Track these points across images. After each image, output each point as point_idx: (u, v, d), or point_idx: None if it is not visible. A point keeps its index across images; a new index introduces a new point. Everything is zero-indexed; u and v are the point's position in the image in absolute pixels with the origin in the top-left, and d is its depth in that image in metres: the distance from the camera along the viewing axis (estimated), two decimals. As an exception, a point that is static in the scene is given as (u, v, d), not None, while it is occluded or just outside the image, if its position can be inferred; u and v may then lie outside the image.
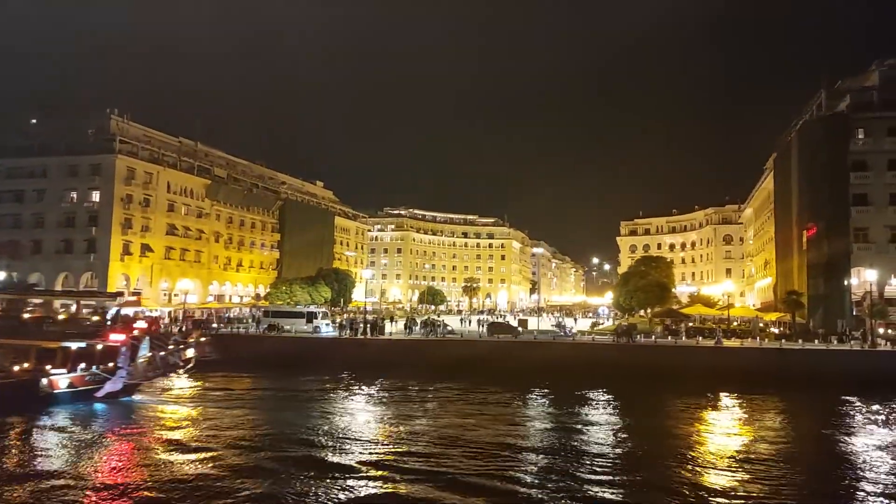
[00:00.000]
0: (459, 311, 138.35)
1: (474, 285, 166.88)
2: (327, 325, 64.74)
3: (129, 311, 74.13)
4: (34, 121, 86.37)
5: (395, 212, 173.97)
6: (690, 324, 76.26)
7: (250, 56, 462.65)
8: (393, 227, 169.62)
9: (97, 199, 77.57)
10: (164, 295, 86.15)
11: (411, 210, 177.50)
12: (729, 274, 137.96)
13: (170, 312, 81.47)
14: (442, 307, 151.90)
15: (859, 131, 64.13)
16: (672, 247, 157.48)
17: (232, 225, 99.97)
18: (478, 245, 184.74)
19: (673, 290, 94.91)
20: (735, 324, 75.26)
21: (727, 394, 41.16)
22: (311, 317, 64.26)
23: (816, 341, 54.10)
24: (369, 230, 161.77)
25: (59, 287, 79.04)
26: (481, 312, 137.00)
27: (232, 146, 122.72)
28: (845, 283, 61.21)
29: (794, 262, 68.29)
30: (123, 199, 78.36)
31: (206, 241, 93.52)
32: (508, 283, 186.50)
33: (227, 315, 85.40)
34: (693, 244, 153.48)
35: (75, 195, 78.17)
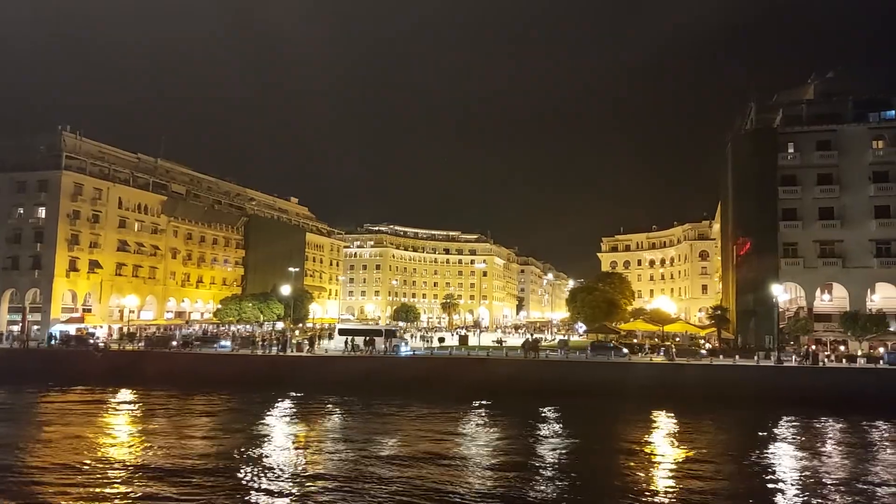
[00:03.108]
0: (437, 328, 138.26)
1: (453, 301, 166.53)
2: (406, 343, 63.33)
3: (70, 327, 75.06)
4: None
5: (375, 228, 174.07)
6: (635, 340, 76.53)
7: (242, 68, 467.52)
8: (372, 243, 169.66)
9: (43, 216, 78.08)
10: (118, 311, 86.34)
11: (392, 226, 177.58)
12: (705, 290, 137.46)
13: (121, 328, 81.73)
14: (423, 323, 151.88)
15: (790, 146, 63.59)
16: (652, 263, 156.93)
17: (191, 241, 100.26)
18: (459, 261, 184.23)
19: (629, 306, 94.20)
20: (678, 339, 75.07)
21: (615, 407, 40.86)
22: (389, 335, 63.21)
23: (737, 356, 53.44)
24: (347, 247, 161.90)
25: (7, 304, 79.84)
26: (459, 328, 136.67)
27: (203, 163, 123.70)
28: (773, 298, 60.36)
29: (730, 277, 67.67)
30: (70, 215, 78.81)
31: (162, 257, 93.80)
32: (490, 300, 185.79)
33: (178, 330, 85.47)
34: (672, 260, 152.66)
35: (22, 211, 78.74)
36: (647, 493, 23.36)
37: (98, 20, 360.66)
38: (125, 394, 46.82)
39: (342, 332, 65.72)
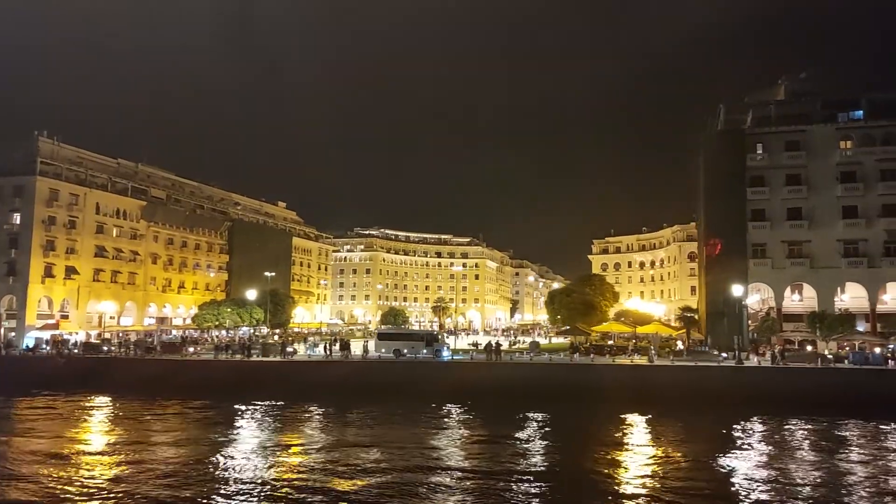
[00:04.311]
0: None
1: (444, 305, 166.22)
2: (447, 348, 60.78)
3: (45, 334, 75.01)
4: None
5: (366, 232, 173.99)
6: (610, 342, 76.41)
7: (235, 71, 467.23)
8: (362, 247, 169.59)
9: (18, 222, 78.14)
10: (96, 317, 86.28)
11: (382, 230, 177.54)
12: (693, 291, 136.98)
13: (99, 334, 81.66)
14: (414, 326, 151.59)
15: (759, 146, 63.43)
16: (642, 264, 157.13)
17: (172, 246, 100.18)
18: (451, 264, 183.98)
19: (610, 308, 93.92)
20: (649, 341, 74.86)
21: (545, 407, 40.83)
22: (430, 340, 60.19)
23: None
24: (336, 251, 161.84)
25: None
26: (448, 332, 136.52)
27: (188, 168, 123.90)
28: (738, 299, 60.14)
29: (702, 278, 67.51)
30: (45, 220, 78.86)
31: (142, 262, 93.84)
32: (482, 303, 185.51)
33: (152, 336, 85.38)
34: (661, 262, 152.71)
35: (-3, 217, 78.83)
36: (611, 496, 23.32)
37: (94, 24, 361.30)
38: (86, 401, 46.52)
39: (381, 336, 63.08)
